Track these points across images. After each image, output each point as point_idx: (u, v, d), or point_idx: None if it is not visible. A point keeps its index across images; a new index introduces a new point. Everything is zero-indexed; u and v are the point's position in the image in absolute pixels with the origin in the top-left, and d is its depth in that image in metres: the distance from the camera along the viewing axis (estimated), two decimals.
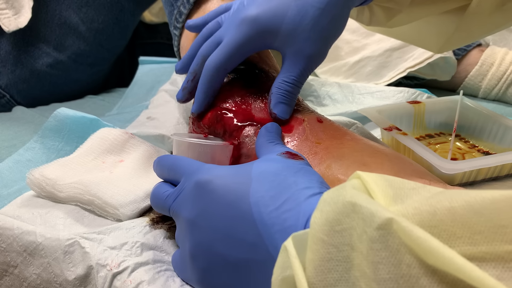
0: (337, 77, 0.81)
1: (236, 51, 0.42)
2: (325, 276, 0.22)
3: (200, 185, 0.32)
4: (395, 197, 0.22)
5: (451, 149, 0.51)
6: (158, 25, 0.99)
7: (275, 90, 0.42)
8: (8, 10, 0.72)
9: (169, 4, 0.61)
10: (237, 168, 0.32)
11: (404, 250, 0.19)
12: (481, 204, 0.19)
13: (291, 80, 0.42)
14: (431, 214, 0.20)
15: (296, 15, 0.40)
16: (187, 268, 0.33)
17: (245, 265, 0.29)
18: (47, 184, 0.44)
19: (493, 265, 0.18)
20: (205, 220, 0.31)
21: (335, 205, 0.23)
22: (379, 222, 0.20)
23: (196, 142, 0.40)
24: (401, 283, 0.19)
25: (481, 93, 0.77)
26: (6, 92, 0.78)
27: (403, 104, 0.58)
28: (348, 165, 0.37)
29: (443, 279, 0.19)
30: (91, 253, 0.37)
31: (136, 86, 0.80)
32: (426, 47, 0.56)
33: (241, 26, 0.42)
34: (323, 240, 0.22)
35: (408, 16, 0.48)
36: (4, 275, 0.41)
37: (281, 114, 0.42)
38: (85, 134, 0.50)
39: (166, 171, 0.37)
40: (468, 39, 0.52)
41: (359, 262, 0.21)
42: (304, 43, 0.41)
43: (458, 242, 0.19)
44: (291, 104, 0.43)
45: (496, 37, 0.85)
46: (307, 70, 0.42)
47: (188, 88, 0.47)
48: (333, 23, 0.41)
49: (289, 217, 0.28)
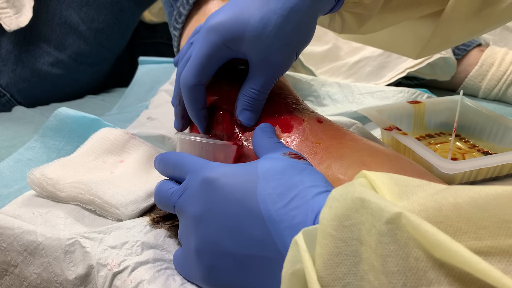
0: (337, 77, 0.81)
1: (205, 62, 0.41)
2: (333, 269, 0.22)
3: (207, 182, 0.32)
4: (401, 194, 0.23)
5: (451, 149, 0.51)
6: (158, 25, 0.99)
7: (241, 97, 0.42)
8: (9, 9, 0.73)
9: (169, 5, 0.61)
10: (242, 166, 0.33)
11: (412, 243, 0.20)
12: (485, 199, 0.19)
13: (256, 88, 0.42)
14: (437, 210, 0.20)
15: (259, 22, 0.40)
16: (190, 266, 0.33)
17: (253, 261, 0.29)
18: (48, 183, 0.44)
19: (498, 259, 0.18)
20: (212, 217, 0.31)
21: (344, 201, 0.23)
22: (388, 217, 0.21)
23: (200, 140, 0.41)
24: (409, 275, 0.20)
25: (481, 93, 0.77)
26: (6, 91, 0.78)
27: (403, 104, 0.58)
28: (348, 165, 0.37)
29: (450, 272, 0.19)
30: (91, 252, 0.37)
31: (136, 86, 0.80)
32: (403, 53, 0.56)
33: (206, 36, 0.41)
34: (332, 235, 0.23)
35: (380, 22, 0.48)
36: (5, 274, 0.41)
37: (246, 121, 0.42)
38: (85, 134, 0.50)
39: (170, 168, 0.37)
40: (446, 45, 0.52)
41: (368, 256, 0.21)
42: (269, 51, 0.40)
43: (463, 237, 0.19)
44: (256, 111, 0.43)
45: (496, 37, 0.85)
46: (273, 77, 0.42)
47: (179, 113, 0.46)
48: (297, 31, 0.40)
49: (297, 214, 0.28)
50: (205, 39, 0.41)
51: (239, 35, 0.40)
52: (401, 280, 0.20)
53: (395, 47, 0.56)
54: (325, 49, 0.84)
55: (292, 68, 0.83)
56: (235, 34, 0.40)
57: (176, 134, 0.43)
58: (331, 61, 0.83)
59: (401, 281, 0.20)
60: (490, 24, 0.47)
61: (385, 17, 0.47)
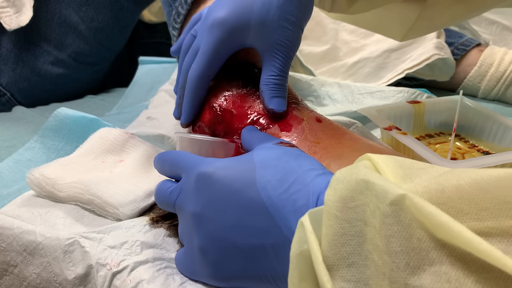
0: (335, 78, 0.81)
1: (214, 56, 0.43)
2: (338, 249, 0.23)
3: (202, 177, 0.32)
4: (405, 177, 0.23)
5: (451, 148, 0.51)
6: (158, 24, 0.99)
7: (264, 87, 0.43)
8: (9, 9, 0.73)
9: (168, 5, 0.61)
10: (237, 159, 0.33)
11: (415, 224, 0.20)
12: (487, 181, 0.20)
13: (276, 73, 0.42)
14: (439, 191, 0.21)
15: (262, 8, 0.41)
16: (195, 264, 0.33)
17: (259, 251, 0.29)
18: (47, 183, 0.44)
19: (499, 240, 0.19)
20: (212, 212, 0.31)
21: (348, 183, 0.24)
22: (392, 198, 0.21)
23: (197, 138, 0.41)
24: (412, 255, 0.20)
25: (480, 94, 0.77)
26: (6, 91, 0.78)
27: (403, 104, 0.58)
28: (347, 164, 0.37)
29: (451, 252, 0.19)
30: (91, 252, 0.37)
31: (135, 86, 0.80)
32: (389, 35, 0.57)
33: (212, 31, 0.42)
34: (336, 216, 0.23)
35: (368, 3, 0.49)
36: (4, 274, 0.41)
37: (278, 107, 0.42)
38: (85, 134, 0.50)
39: (167, 166, 0.37)
40: (431, 28, 0.53)
41: (372, 236, 0.22)
42: (276, 33, 0.41)
43: (465, 218, 0.20)
44: (284, 96, 0.43)
45: (496, 37, 0.85)
46: (287, 58, 0.42)
47: (182, 104, 0.48)
48: (299, 8, 0.41)
49: (299, 198, 0.28)
50: (211, 34, 0.42)
51: (245, 25, 0.41)
52: (404, 260, 0.20)
53: (382, 28, 0.57)
54: (324, 49, 0.84)
55: (291, 68, 0.83)
56: (241, 25, 0.41)
57: (176, 133, 0.43)
58: (330, 61, 0.83)
59: (404, 260, 0.20)
60: (473, 9, 0.48)
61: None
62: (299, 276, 0.24)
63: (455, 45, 0.79)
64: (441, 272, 0.19)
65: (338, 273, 0.23)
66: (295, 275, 0.25)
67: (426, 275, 0.20)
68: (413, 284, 0.20)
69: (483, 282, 0.18)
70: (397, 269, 0.20)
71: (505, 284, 0.18)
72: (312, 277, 0.24)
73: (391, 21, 0.54)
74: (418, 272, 0.20)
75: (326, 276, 0.22)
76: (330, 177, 0.29)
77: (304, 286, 0.24)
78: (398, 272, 0.20)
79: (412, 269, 0.20)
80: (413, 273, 0.20)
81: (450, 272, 0.19)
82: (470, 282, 0.19)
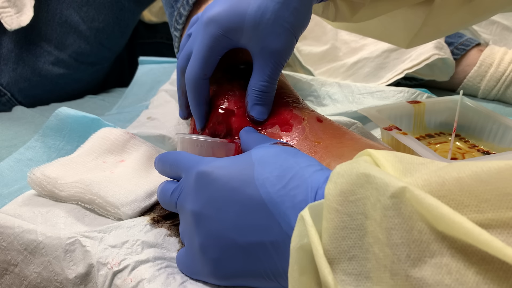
0: (335, 78, 0.81)
1: (208, 55, 0.42)
2: (339, 243, 0.23)
3: (201, 176, 0.32)
4: (405, 171, 0.23)
5: (451, 148, 0.51)
6: (158, 24, 0.99)
7: (250, 92, 0.42)
8: (10, 9, 0.73)
9: (169, 6, 0.61)
10: (235, 158, 0.33)
11: (416, 217, 0.20)
12: (488, 173, 0.20)
13: (264, 79, 0.42)
14: (440, 184, 0.21)
15: (257, 10, 0.40)
16: (196, 263, 0.33)
17: (259, 248, 0.29)
18: (48, 183, 0.44)
19: (499, 231, 0.19)
20: (211, 210, 0.31)
21: (348, 176, 0.24)
22: (392, 191, 0.21)
23: (198, 138, 0.41)
24: (412, 247, 0.20)
25: (480, 94, 0.77)
26: (7, 91, 0.78)
27: (403, 104, 0.58)
28: None
29: (452, 244, 0.20)
30: (91, 251, 0.37)
31: (136, 86, 0.80)
32: (394, 42, 0.56)
33: (206, 29, 0.42)
34: (337, 209, 0.23)
35: (372, 10, 0.48)
36: (5, 273, 0.41)
37: (258, 115, 0.42)
38: (86, 134, 0.50)
39: (168, 167, 0.37)
40: (436, 35, 0.52)
41: (373, 229, 0.22)
42: (269, 38, 0.41)
43: (466, 210, 0.20)
44: (267, 104, 0.43)
45: (496, 37, 0.85)
46: (277, 65, 0.42)
47: (184, 103, 0.48)
48: (295, 15, 0.41)
49: (298, 193, 0.28)
50: (204, 31, 0.42)
51: (238, 25, 0.41)
52: (405, 252, 0.20)
53: (387, 36, 0.56)
54: (324, 49, 0.84)
55: (290, 68, 0.83)
56: (234, 24, 0.41)
57: (176, 134, 0.43)
58: (330, 61, 0.83)
59: (405, 252, 0.20)
60: (479, 14, 0.48)
61: (378, 5, 0.47)
62: (299, 270, 0.24)
63: (454, 45, 0.79)
64: (442, 264, 0.19)
65: (339, 266, 0.23)
66: (295, 269, 0.25)
67: (427, 267, 0.20)
68: (414, 276, 0.20)
69: (484, 273, 0.19)
70: (398, 261, 0.20)
71: (506, 275, 0.18)
72: (312, 271, 0.24)
73: (396, 29, 0.53)
74: (419, 264, 0.20)
75: (327, 269, 0.22)
76: (328, 172, 0.29)
77: (304, 280, 0.24)
78: (399, 264, 0.20)
79: (413, 261, 0.20)
80: (414, 265, 0.20)
81: (451, 263, 0.19)
82: (471, 273, 0.19)
